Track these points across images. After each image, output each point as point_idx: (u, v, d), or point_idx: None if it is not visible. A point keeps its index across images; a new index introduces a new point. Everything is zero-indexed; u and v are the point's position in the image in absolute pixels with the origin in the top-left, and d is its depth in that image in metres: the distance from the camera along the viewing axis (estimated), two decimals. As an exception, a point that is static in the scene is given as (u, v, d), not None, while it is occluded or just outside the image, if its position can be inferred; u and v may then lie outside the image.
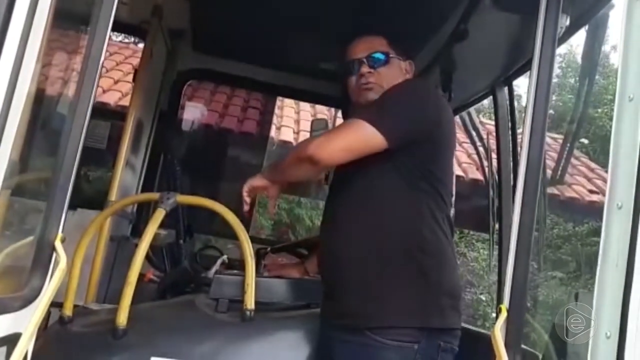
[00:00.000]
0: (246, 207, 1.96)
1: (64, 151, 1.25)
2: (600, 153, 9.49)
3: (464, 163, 6.91)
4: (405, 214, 1.76)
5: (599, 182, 7.71)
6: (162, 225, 1.94)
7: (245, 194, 1.96)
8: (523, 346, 1.65)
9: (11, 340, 1.12)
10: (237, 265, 2.25)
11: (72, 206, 1.30)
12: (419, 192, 1.76)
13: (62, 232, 1.25)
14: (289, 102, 7.34)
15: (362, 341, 1.68)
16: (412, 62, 2.04)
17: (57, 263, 1.23)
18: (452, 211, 1.93)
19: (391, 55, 1.96)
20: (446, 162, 1.87)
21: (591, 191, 7.56)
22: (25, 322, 1.15)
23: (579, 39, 2.13)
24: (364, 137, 1.70)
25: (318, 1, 2.56)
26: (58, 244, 1.23)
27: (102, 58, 1.29)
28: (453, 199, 1.95)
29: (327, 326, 1.83)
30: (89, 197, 3.15)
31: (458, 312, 1.79)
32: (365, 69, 1.94)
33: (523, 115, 1.74)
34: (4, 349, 1.11)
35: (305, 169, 1.80)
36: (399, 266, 1.71)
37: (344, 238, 1.81)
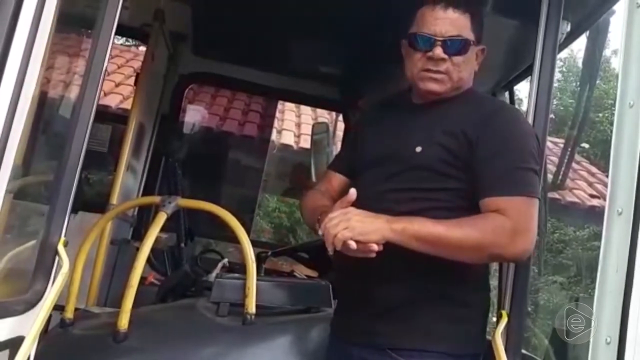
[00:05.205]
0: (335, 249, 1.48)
1: (67, 155, 1.26)
2: (601, 158, 9.48)
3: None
4: None
5: (600, 187, 7.70)
6: (163, 228, 1.94)
7: (341, 240, 1.44)
8: (523, 351, 1.66)
9: (14, 344, 1.12)
10: (238, 268, 2.25)
11: (74, 209, 1.30)
12: (467, 213, 1.59)
13: (64, 235, 1.25)
14: (290, 105, 7.34)
15: None
16: (485, 48, 1.75)
17: (59, 267, 1.23)
18: None
19: (471, 43, 1.68)
20: None
21: (592, 196, 7.55)
22: (28, 326, 1.16)
23: (580, 43, 2.14)
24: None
25: (319, 5, 2.57)
26: (61, 247, 1.23)
27: (106, 62, 1.30)
28: None
29: (342, 341, 1.71)
30: (90, 200, 3.14)
31: (485, 333, 1.69)
32: (438, 51, 1.63)
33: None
34: (6, 352, 1.11)
35: (483, 259, 1.60)
36: (436, 288, 1.60)
37: (382, 253, 1.55)
